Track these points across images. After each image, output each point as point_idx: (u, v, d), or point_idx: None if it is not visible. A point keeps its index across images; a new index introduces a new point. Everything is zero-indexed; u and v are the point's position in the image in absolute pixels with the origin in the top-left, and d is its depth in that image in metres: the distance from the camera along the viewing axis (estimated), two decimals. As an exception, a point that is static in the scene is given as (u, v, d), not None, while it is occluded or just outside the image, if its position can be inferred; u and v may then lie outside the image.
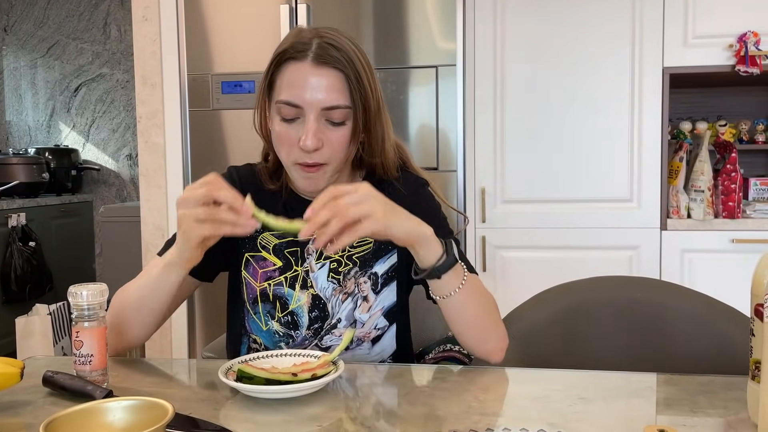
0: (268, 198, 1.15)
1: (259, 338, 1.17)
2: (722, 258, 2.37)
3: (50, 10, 4.49)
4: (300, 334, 1.15)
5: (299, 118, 1.05)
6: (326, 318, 1.15)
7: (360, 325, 1.15)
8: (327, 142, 1.05)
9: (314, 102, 1.03)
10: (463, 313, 1.03)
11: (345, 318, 1.15)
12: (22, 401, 0.91)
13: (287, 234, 0.92)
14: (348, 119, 1.06)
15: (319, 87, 1.03)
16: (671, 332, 1.22)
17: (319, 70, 1.03)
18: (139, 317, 1.07)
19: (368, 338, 1.16)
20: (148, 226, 2.71)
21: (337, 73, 1.04)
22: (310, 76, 1.03)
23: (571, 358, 1.25)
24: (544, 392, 0.91)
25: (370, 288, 1.15)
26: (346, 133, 1.07)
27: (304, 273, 1.15)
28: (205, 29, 2.55)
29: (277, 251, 1.16)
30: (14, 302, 3.70)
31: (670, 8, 2.36)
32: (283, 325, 1.15)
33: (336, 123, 1.05)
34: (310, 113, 1.04)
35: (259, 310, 1.16)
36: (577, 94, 2.42)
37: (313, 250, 1.15)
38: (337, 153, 1.07)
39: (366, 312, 1.15)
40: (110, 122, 4.50)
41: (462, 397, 0.89)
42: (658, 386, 0.93)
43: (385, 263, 1.17)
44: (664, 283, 1.32)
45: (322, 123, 1.05)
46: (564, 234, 2.46)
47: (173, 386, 1.03)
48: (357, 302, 1.15)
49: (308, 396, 0.91)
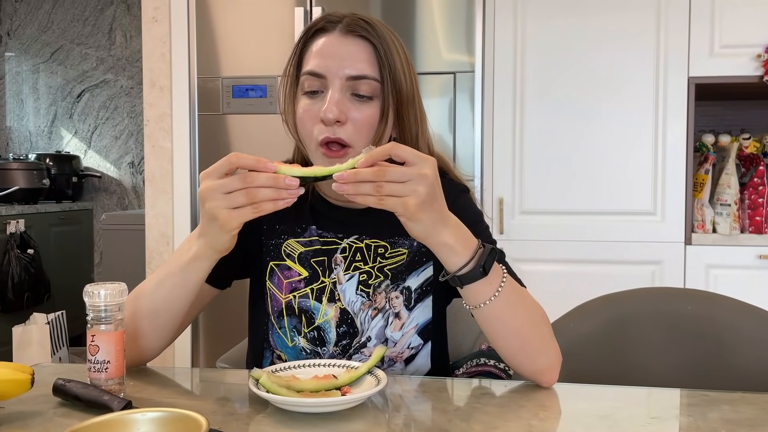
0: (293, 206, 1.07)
1: (284, 354, 1.08)
2: (749, 274, 2.29)
3: (55, 15, 4.43)
4: (327, 351, 1.05)
5: (323, 92, 0.98)
6: (355, 335, 1.06)
7: (392, 344, 1.05)
8: (351, 120, 0.97)
9: (337, 71, 0.97)
10: (499, 326, 0.91)
11: (375, 336, 1.05)
12: (30, 412, 0.82)
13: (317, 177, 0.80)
14: (376, 96, 0.98)
15: (346, 55, 0.97)
16: (726, 347, 1.14)
17: (346, 39, 0.98)
18: (157, 323, 0.97)
19: (401, 359, 1.06)
20: (153, 233, 2.62)
21: (366, 43, 0.98)
22: (337, 45, 0.98)
23: (616, 373, 1.17)
24: (608, 410, 0.83)
25: (402, 304, 1.05)
26: (374, 112, 0.98)
27: (332, 285, 1.06)
28: (216, 31, 2.48)
29: (302, 260, 1.07)
30: (11, 311, 3.59)
31: (696, 17, 2.30)
32: (309, 341, 1.06)
33: (362, 97, 0.98)
34: (334, 82, 0.97)
35: (285, 324, 1.07)
36: (599, 103, 2.36)
37: (341, 260, 1.07)
38: (361, 133, 0.98)
39: (398, 330, 1.05)
40: (113, 129, 4.42)
41: (519, 414, 0.81)
42: (732, 404, 0.85)
43: (419, 276, 1.06)
44: (714, 295, 1.24)
45: (347, 96, 0.98)
46: (584, 247, 2.37)
47: (196, 397, 0.94)
48: (388, 319, 1.05)
49: (347, 411, 0.82)
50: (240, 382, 0.96)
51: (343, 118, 0.96)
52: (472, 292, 0.88)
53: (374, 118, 0.98)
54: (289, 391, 0.83)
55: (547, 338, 0.95)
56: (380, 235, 1.06)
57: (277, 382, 0.84)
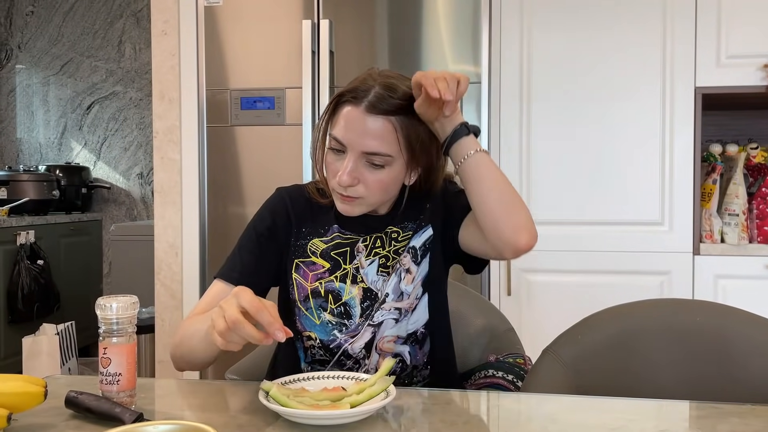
0: (317, 210, 1.23)
1: (313, 333, 1.17)
2: (757, 284, 2.27)
3: (65, 28, 4.47)
4: (353, 322, 1.17)
5: (345, 153, 1.13)
6: (376, 300, 1.18)
7: (406, 296, 1.19)
8: (364, 181, 1.13)
9: (356, 145, 1.11)
10: (481, 177, 1.10)
11: (392, 291, 1.18)
12: (42, 424, 0.83)
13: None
14: (388, 165, 1.13)
15: (365, 133, 1.11)
16: (736, 359, 1.14)
17: (369, 117, 1.11)
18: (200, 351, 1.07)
19: (412, 308, 1.19)
20: (162, 244, 2.64)
21: (386, 122, 1.11)
22: (359, 121, 1.11)
23: (626, 385, 1.16)
24: (620, 422, 0.83)
25: (410, 261, 1.20)
26: (384, 178, 1.14)
27: (354, 270, 1.19)
28: (224, 43, 2.51)
29: (324, 255, 1.20)
30: (21, 321, 3.60)
31: (702, 27, 2.30)
32: (336, 315, 1.17)
33: (376, 165, 1.12)
34: (351, 154, 1.12)
35: (311, 305, 1.17)
36: (607, 113, 2.36)
37: (363, 248, 1.19)
38: (372, 192, 1.14)
39: (410, 283, 1.20)
40: (122, 140, 4.45)
41: (529, 427, 0.81)
42: (742, 417, 0.85)
43: (421, 237, 1.22)
44: (723, 307, 1.23)
45: (362, 164, 1.13)
46: (592, 258, 2.37)
47: (208, 410, 0.94)
48: (401, 276, 1.19)
49: (357, 423, 0.82)
50: (250, 394, 0.97)
51: (355, 183, 1.13)
52: (459, 147, 1.10)
53: (384, 182, 1.15)
54: (299, 403, 0.83)
55: (519, 198, 1.12)
56: (394, 223, 1.23)
57: (287, 394, 0.84)
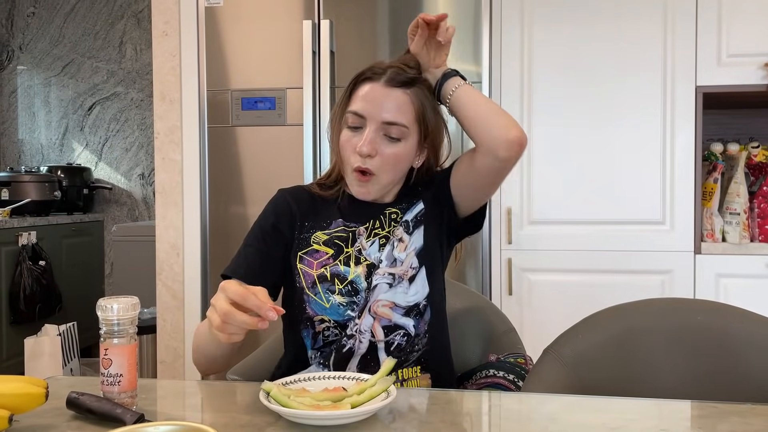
0: (320, 205, 1.28)
1: (325, 316, 1.19)
2: (759, 283, 2.27)
3: (66, 29, 4.48)
4: (361, 297, 1.20)
5: (362, 128, 1.20)
6: (375, 269, 1.23)
7: (399, 263, 1.23)
8: (381, 154, 1.19)
9: (375, 116, 1.19)
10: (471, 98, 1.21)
11: (385, 258, 1.22)
12: (44, 425, 0.83)
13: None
14: (404, 138, 1.20)
15: (384, 103, 1.19)
16: (737, 358, 1.14)
17: (387, 90, 1.20)
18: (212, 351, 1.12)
19: (406, 276, 1.22)
20: (163, 244, 2.64)
21: (403, 94, 1.20)
22: (379, 93, 1.19)
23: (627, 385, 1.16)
24: (620, 422, 0.83)
25: (403, 231, 1.26)
26: (399, 151, 1.21)
27: (356, 252, 1.23)
28: (225, 44, 2.51)
29: (327, 243, 1.24)
30: (23, 322, 3.61)
31: (703, 26, 2.30)
32: (344, 295, 1.20)
33: (392, 138, 1.19)
34: (371, 124, 1.19)
35: (319, 290, 1.20)
36: (608, 112, 2.36)
37: (364, 230, 1.24)
38: (387, 166, 1.20)
39: (403, 251, 1.24)
40: (123, 141, 4.45)
41: (530, 427, 0.81)
42: (742, 416, 0.85)
43: (413, 211, 1.28)
44: (724, 306, 1.23)
45: (379, 136, 1.19)
46: (593, 257, 2.37)
47: (208, 410, 0.94)
48: (394, 244, 1.24)
49: (357, 423, 0.83)
50: (251, 395, 0.97)
51: (374, 153, 1.19)
52: (449, 84, 1.22)
53: (400, 156, 1.21)
54: (300, 403, 0.84)
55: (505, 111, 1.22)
56: (392, 205, 1.28)
57: (288, 394, 0.84)
